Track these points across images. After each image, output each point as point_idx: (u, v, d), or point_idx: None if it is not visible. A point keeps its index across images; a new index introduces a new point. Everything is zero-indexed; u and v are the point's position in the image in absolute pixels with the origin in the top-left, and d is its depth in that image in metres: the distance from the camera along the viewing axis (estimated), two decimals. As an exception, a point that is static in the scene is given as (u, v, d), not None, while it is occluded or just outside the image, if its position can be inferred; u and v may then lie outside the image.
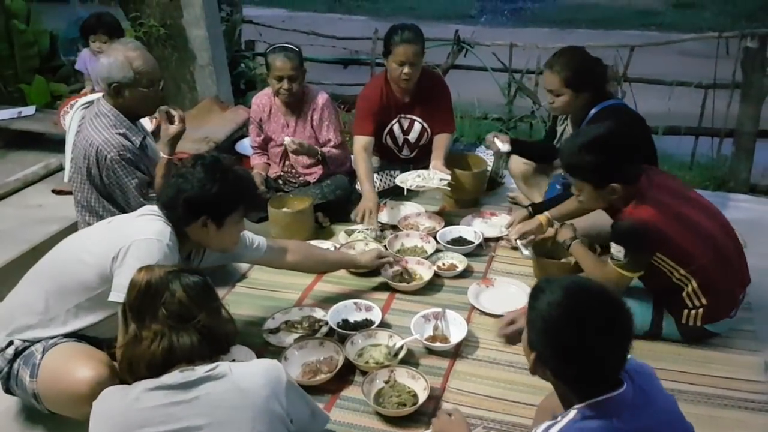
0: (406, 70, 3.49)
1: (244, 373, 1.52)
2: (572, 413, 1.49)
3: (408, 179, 3.47)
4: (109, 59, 2.70)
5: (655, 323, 2.61)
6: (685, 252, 2.44)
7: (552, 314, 1.51)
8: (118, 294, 1.99)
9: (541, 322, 1.53)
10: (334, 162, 3.70)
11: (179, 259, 2.21)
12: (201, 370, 1.50)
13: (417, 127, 3.76)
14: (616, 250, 2.46)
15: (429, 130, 3.76)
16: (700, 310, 2.53)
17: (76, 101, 4.39)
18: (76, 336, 2.18)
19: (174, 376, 1.49)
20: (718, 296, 2.53)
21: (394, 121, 3.75)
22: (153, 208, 2.22)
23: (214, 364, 1.52)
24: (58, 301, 2.14)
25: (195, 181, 2.13)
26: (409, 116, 3.74)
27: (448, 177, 3.44)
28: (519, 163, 3.62)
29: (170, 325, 1.53)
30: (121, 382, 1.76)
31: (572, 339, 1.47)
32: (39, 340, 2.14)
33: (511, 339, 2.59)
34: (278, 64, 3.47)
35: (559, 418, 1.49)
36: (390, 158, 3.92)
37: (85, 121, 2.77)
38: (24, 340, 2.15)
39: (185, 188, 2.14)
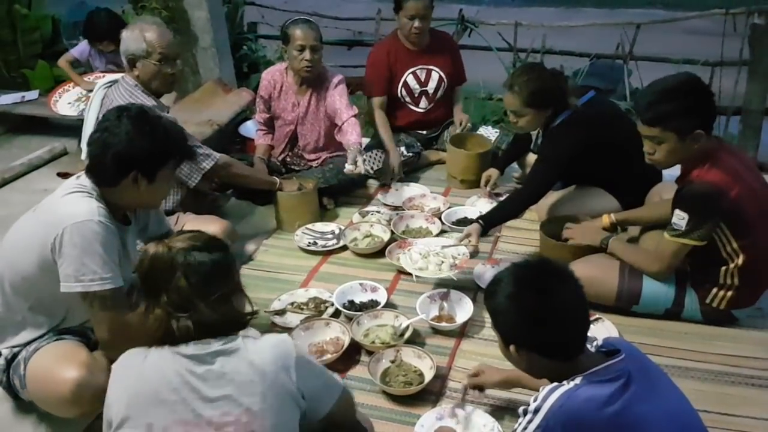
0: (416, 24, 3.70)
1: (255, 348, 1.53)
2: (578, 379, 1.50)
3: (418, 265, 2.77)
4: (127, 32, 2.79)
5: (677, 301, 2.57)
6: (746, 224, 2.37)
7: (513, 301, 1.58)
8: (68, 284, 1.95)
9: (508, 315, 1.60)
10: (361, 138, 3.63)
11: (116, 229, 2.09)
12: (216, 344, 1.50)
13: (435, 76, 3.92)
14: (679, 217, 2.36)
15: (446, 80, 3.94)
16: (729, 293, 2.48)
17: (71, 85, 4.46)
18: (60, 332, 2.15)
19: (189, 348, 1.49)
20: (754, 279, 2.48)
21: (408, 72, 3.88)
22: (78, 183, 2.06)
23: (227, 338, 1.52)
24: (19, 303, 2.10)
25: (122, 135, 1.99)
26: (426, 66, 3.89)
27: (465, 250, 2.91)
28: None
29: (188, 299, 1.50)
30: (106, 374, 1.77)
31: (537, 305, 1.54)
32: (23, 345, 2.13)
33: (480, 387, 2.22)
34: (300, 34, 3.40)
35: (564, 383, 1.51)
36: (403, 120, 3.96)
37: (113, 99, 2.80)
38: (11, 347, 2.14)
39: (112, 143, 1.99)
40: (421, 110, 3.98)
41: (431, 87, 3.92)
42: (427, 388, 2.30)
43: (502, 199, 3.43)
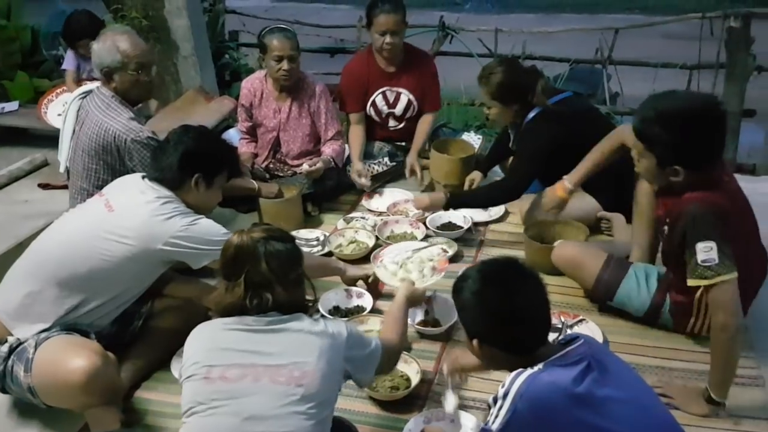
0: (387, 39, 3.60)
1: (312, 322, 1.76)
2: (540, 365, 1.54)
3: (400, 276, 2.67)
4: (99, 44, 2.74)
5: (652, 308, 2.52)
6: (736, 248, 2.13)
7: (478, 299, 1.63)
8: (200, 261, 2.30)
9: (473, 311, 1.65)
10: (339, 157, 3.69)
11: None
12: (280, 316, 1.73)
13: (404, 99, 3.82)
14: (705, 250, 2.06)
15: (416, 103, 3.83)
16: (707, 321, 2.37)
17: (54, 95, 4.41)
18: (68, 328, 2.20)
19: (256, 317, 1.71)
20: None
21: (377, 92, 3.81)
22: (165, 195, 2.28)
23: (292, 315, 1.74)
24: (63, 292, 2.18)
25: (189, 140, 2.33)
26: (395, 88, 3.80)
27: (447, 249, 2.94)
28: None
29: (267, 280, 1.71)
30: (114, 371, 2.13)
31: (501, 304, 1.59)
32: (35, 335, 2.15)
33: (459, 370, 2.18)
34: (277, 44, 3.40)
35: (528, 369, 1.54)
36: (379, 134, 3.95)
37: (89, 110, 2.78)
38: (19, 337, 2.15)
39: (180, 147, 2.31)
40: (391, 129, 3.94)
41: (399, 109, 3.84)
42: (414, 392, 2.30)
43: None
